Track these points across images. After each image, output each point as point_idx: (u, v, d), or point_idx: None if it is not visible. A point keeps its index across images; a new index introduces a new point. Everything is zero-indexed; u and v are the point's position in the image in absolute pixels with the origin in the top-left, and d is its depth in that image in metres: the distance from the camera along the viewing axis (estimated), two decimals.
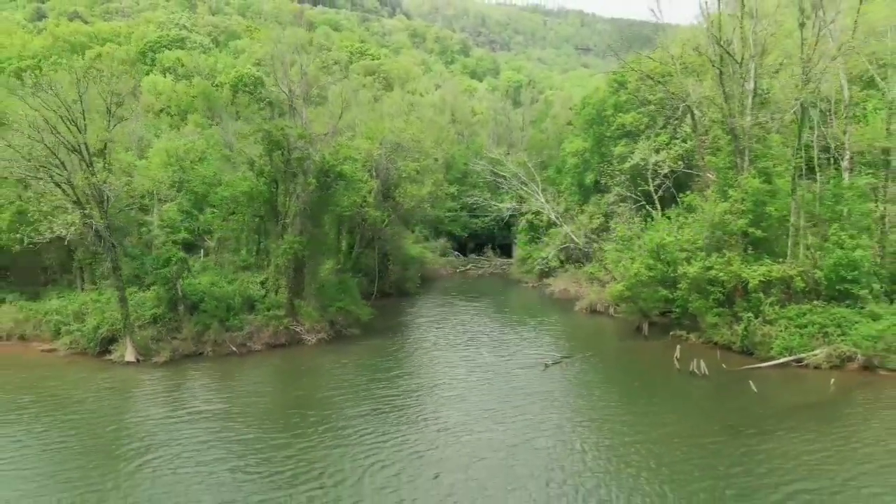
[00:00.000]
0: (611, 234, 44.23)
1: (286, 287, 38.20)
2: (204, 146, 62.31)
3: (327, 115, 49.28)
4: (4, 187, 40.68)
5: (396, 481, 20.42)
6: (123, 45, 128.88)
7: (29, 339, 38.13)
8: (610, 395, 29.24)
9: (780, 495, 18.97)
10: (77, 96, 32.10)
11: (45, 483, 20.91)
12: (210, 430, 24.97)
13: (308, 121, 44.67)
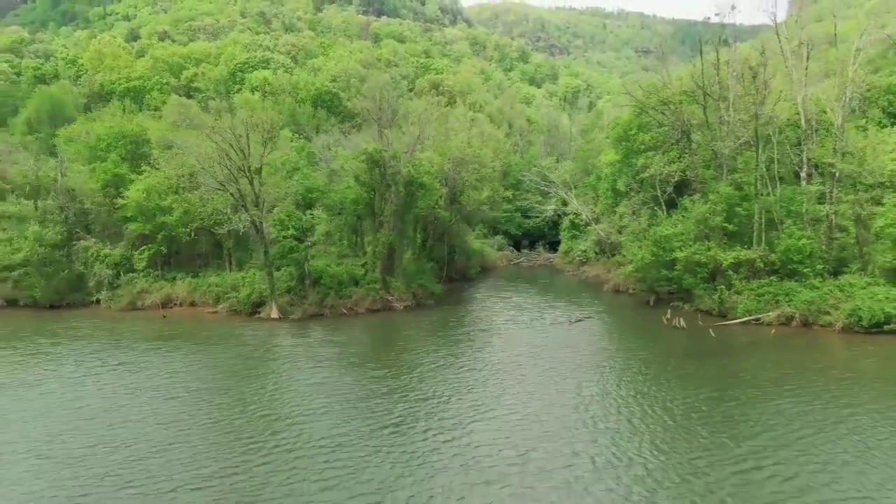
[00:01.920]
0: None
1: (381, 268, 53.36)
2: (296, 158, 78.51)
3: (405, 131, 64.33)
4: (174, 194, 57.35)
5: (467, 378, 34.87)
6: (216, 66, 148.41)
7: (197, 305, 54.58)
8: (611, 338, 43.00)
9: (705, 385, 32.37)
10: (244, 133, 47.97)
11: (242, 372, 36.45)
12: (329, 354, 40.13)
13: (391, 142, 59.69)
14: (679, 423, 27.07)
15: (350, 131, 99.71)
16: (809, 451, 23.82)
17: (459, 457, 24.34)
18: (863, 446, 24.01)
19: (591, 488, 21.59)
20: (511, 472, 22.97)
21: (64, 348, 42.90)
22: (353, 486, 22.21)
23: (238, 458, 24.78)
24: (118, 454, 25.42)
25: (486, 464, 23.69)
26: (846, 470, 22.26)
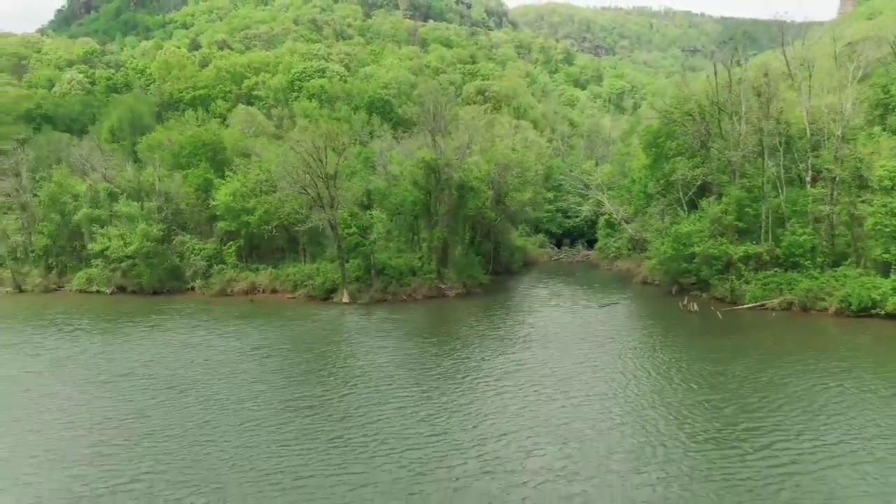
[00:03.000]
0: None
1: (435, 261, 62.59)
2: (354, 163, 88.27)
3: (455, 137, 73.23)
4: (255, 196, 67.57)
5: (504, 345, 43.75)
6: (274, 75, 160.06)
7: (278, 292, 64.70)
8: (632, 317, 51.32)
9: (709, 355, 40.54)
10: (322, 145, 57.76)
11: (322, 339, 46.03)
12: (391, 328, 49.44)
13: (442, 148, 68.71)
14: (682, 373, 35.52)
15: (403, 137, 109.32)
16: (801, 396, 31.95)
17: (492, 394, 33.34)
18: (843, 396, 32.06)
19: (604, 404, 30.31)
20: (534, 402, 31.84)
21: (174, 323, 53.38)
22: (412, 408, 31.45)
23: (323, 392, 34.36)
24: (249, 387, 35.33)
25: (511, 395, 32.62)
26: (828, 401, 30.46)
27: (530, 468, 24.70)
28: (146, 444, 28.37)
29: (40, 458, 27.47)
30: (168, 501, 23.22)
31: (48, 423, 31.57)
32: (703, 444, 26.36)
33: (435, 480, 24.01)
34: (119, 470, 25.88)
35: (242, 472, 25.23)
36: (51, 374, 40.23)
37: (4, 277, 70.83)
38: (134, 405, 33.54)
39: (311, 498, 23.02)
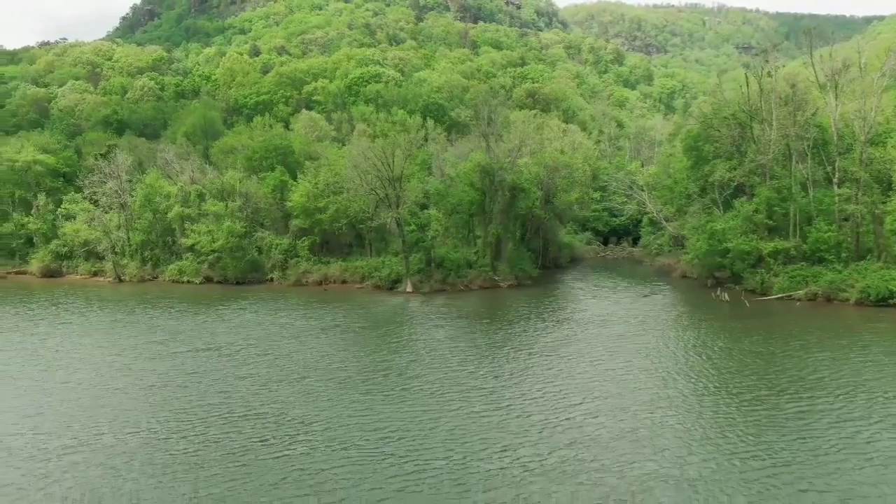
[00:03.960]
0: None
1: (490, 255, 69.96)
2: (411, 165, 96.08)
3: (506, 140, 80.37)
4: (325, 197, 75.98)
5: (552, 326, 50.87)
6: (332, 81, 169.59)
7: (347, 282, 73.01)
8: (668, 307, 57.75)
9: (733, 337, 46.91)
10: (391, 151, 65.69)
11: (388, 321, 53.89)
12: (449, 312, 56.98)
13: (495, 151, 75.84)
14: (708, 347, 42.20)
15: (456, 139, 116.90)
16: (824, 363, 38.42)
17: (539, 360, 40.61)
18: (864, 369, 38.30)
19: (646, 378, 37.30)
20: (572, 370, 39.02)
21: (260, 307, 62.12)
22: (469, 373, 38.99)
23: (394, 357, 42.20)
24: (333, 354, 43.49)
25: (558, 361, 39.84)
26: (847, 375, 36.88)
27: (588, 410, 31.99)
28: (269, 390, 36.65)
29: (224, 393, 36.03)
30: (293, 420, 31.27)
31: (194, 375, 40.30)
32: (720, 393, 33.20)
33: (486, 421, 31.50)
34: (255, 404, 34.15)
35: (340, 414, 33.19)
36: (173, 343, 49.19)
37: (107, 269, 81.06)
38: (247, 367, 41.99)
39: (397, 428, 30.70)
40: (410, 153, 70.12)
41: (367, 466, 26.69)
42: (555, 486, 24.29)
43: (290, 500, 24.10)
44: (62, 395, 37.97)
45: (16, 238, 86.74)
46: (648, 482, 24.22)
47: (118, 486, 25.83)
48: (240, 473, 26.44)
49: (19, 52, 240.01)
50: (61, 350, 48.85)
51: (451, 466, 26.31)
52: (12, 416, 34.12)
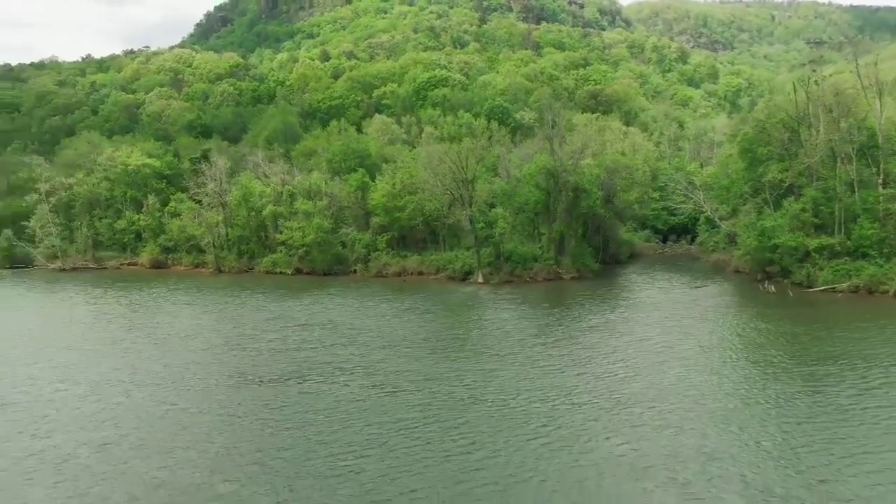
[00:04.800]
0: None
1: (553, 250, 77.47)
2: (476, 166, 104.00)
3: (569, 142, 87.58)
4: (405, 196, 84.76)
5: (610, 312, 58.20)
6: (400, 85, 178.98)
7: (423, 274, 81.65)
8: (718, 297, 64.27)
9: (766, 319, 53.36)
10: (465, 155, 73.88)
11: (462, 307, 62.16)
12: (515, 299, 64.79)
13: (558, 153, 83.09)
14: (745, 329, 49.02)
15: (520, 141, 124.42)
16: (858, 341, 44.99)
17: (596, 338, 48.17)
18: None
19: (701, 357, 44.54)
20: (619, 340, 46.43)
21: (346, 294, 71.34)
22: (532, 342, 46.85)
23: (468, 334, 50.39)
24: (416, 331, 52.12)
25: (616, 338, 47.31)
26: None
27: (645, 382, 39.63)
28: (370, 353, 45.49)
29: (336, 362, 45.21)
30: (394, 371, 39.88)
31: (304, 342, 49.59)
32: (763, 366, 40.28)
33: (553, 385, 39.40)
34: (361, 362, 42.99)
35: (433, 369, 41.65)
36: (279, 320, 58.88)
37: (208, 261, 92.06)
38: (345, 338, 50.96)
39: (476, 380, 38.90)
40: (481, 157, 78.21)
41: (465, 405, 35.15)
42: (615, 409, 32.16)
43: (403, 412, 32.75)
44: (211, 355, 47.88)
45: (128, 233, 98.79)
46: (686, 407, 31.83)
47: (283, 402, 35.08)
48: (361, 408, 35.32)
49: (107, 60, 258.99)
50: (193, 324, 59.16)
51: (523, 404, 34.47)
52: (187, 370, 44.07)
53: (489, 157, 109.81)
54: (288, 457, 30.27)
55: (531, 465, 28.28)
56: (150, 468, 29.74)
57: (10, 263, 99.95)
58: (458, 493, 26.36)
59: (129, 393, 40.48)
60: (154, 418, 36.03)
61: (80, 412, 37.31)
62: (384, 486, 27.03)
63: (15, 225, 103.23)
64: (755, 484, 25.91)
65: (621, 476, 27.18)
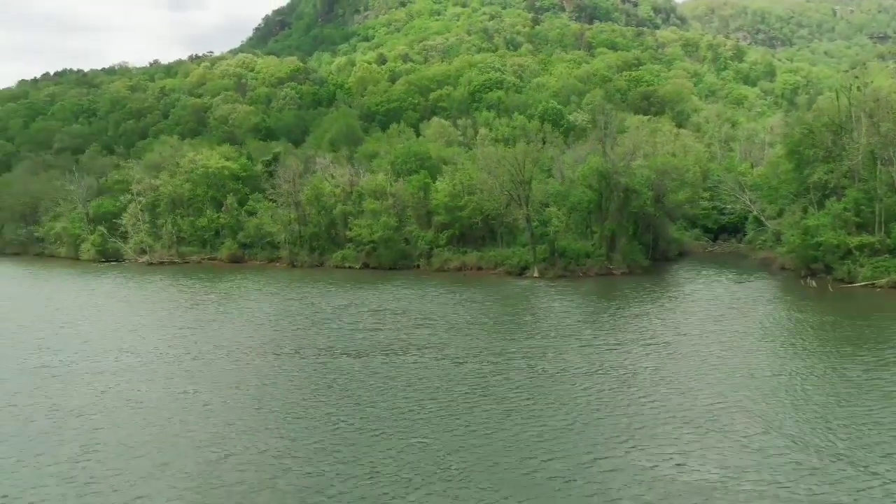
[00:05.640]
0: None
1: (605, 247, 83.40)
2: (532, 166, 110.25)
3: (620, 143, 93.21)
4: (465, 197, 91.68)
5: (659, 303, 64.11)
6: (455, 88, 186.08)
7: (482, 269, 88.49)
8: (759, 290, 69.55)
9: (801, 310, 58.58)
10: (522, 158, 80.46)
11: (519, 297, 68.83)
12: (567, 291, 71.09)
13: (610, 155, 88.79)
14: (778, 318, 54.54)
15: (573, 143, 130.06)
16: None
17: (636, 320, 54.27)
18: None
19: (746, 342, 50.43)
20: (660, 324, 52.45)
21: (411, 285, 78.67)
22: (581, 327, 53.24)
23: (527, 319, 57.06)
24: (478, 317, 59.06)
25: (647, 320, 53.37)
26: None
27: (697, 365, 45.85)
28: (438, 332, 52.67)
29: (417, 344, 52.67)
30: (464, 348, 46.92)
31: (379, 324, 57.19)
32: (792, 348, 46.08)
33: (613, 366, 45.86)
34: (432, 339, 50.19)
35: (493, 345, 48.58)
36: (353, 307, 66.75)
37: (282, 256, 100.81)
38: (415, 321, 58.26)
39: (537, 354, 45.61)
40: (537, 159, 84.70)
41: (524, 372, 42.05)
42: (656, 382, 38.64)
43: (470, 378, 39.86)
44: (300, 333, 55.87)
45: (208, 230, 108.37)
46: (728, 376, 38.14)
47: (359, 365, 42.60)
48: (435, 374, 42.51)
49: (174, 65, 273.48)
50: (277, 308, 67.45)
51: (570, 371, 41.16)
52: (282, 346, 52.11)
53: (544, 159, 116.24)
54: (388, 408, 37.64)
55: (577, 409, 35.02)
56: (282, 415, 37.47)
57: (104, 258, 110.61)
58: (528, 417, 33.22)
59: (238, 360, 48.64)
60: (269, 380, 44.02)
61: (212, 372, 45.55)
62: (460, 423, 34.15)
63: (106, 223, 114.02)
64: (775, 425, 32.17)
65: (670, 423, 33.92)
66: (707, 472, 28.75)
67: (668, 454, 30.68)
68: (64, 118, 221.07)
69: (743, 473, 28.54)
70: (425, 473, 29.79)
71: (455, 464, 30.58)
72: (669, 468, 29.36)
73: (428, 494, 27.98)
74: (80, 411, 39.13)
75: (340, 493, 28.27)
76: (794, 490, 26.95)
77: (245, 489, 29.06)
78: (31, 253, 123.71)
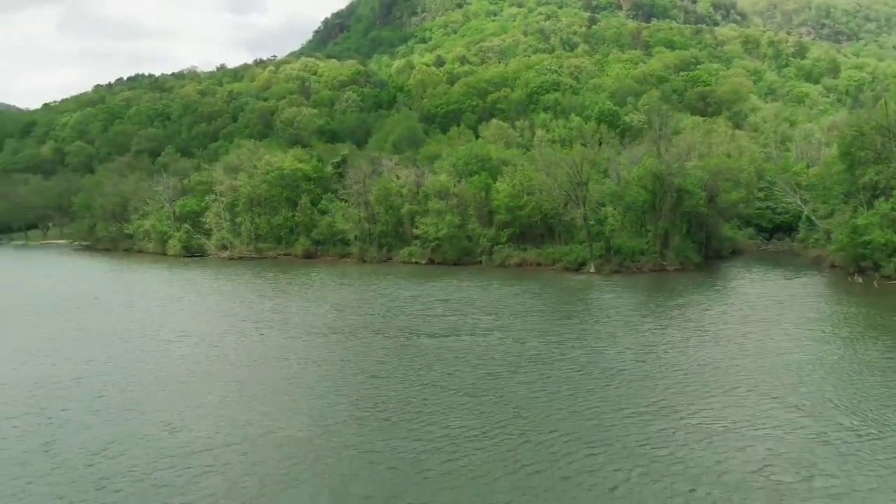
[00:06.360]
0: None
1: (658, 244, 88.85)
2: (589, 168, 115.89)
3: (675, 144, 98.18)
4: (524, 197, 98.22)
5: (707, 296, 69.62)
6: (512, 90, 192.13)
7: (541, 265, 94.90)
8: (805, 286, 74.20)
9: (840, 303, 63.35)
10: (580, 163, 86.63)
11: (575, 290, 75.12)
12: (618, 287, 76.96)
13: (665, 156, 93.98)
14: (817, 310, 59.72)
15: (629, 143, 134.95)
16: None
17: (684, 310, 60.06)
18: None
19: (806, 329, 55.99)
20: (708, 314, 58.15)
21: (475, 279, 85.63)
22: (632, 314, 59.32)
23: (584, 306, 63.37)
24: (537, 305, 65.65)
25: (717, 314, 59.11)
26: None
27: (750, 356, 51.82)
28: (504, 322, 59.58)
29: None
30: (529, 330, 53.72)
31: (448, 310, 64.45)
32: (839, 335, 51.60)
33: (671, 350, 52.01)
34: (496, 324, 57.14)
35: (545, 332, 55.22)
36: (423, 297, 74.06)
37: (353, 252, 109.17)
38: (481, 309, 65.26)
39: (594, 337, 52.06)
40: (594, 162, 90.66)
41: (577, 350, 48.70)
42: (719, 366, 44.88)
43: (531, 352, 46.66)
44: (378, 318, 63.61)
45: (283, 228, 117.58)
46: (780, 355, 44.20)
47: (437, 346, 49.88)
48: (500, 350, 49.50)
49: (240, 70, 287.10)
50: (354, 297, 75.47)
51: (617, 349, 47.60)
52: (366, 327, 59.93)
53: (600, 160, 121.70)
54: (459, 376, 44.78)
55: (619, 376, 41.48)
56: (364, 380, 45.04)
57: (188, 253, 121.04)
58: (580, 386, 39.89)
59: (328, 338, 56.53)
60: (353, 356, 51.68)
61: (309, 347, 53.60)
62: (527, 386, 41.04)
63: (189, 220, 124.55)
64: (814, 394, 38.17)
65: (722, 390, 40.33)
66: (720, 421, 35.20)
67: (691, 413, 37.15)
68: (140, 122, 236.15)
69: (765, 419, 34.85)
70: (501, 416, 36.89)
71: (527, 413, 37.62)
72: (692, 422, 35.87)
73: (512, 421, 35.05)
74: (211, 370, 47.83)
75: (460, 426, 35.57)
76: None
77: (352, 415, 36.60)
78: (121, 249, 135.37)
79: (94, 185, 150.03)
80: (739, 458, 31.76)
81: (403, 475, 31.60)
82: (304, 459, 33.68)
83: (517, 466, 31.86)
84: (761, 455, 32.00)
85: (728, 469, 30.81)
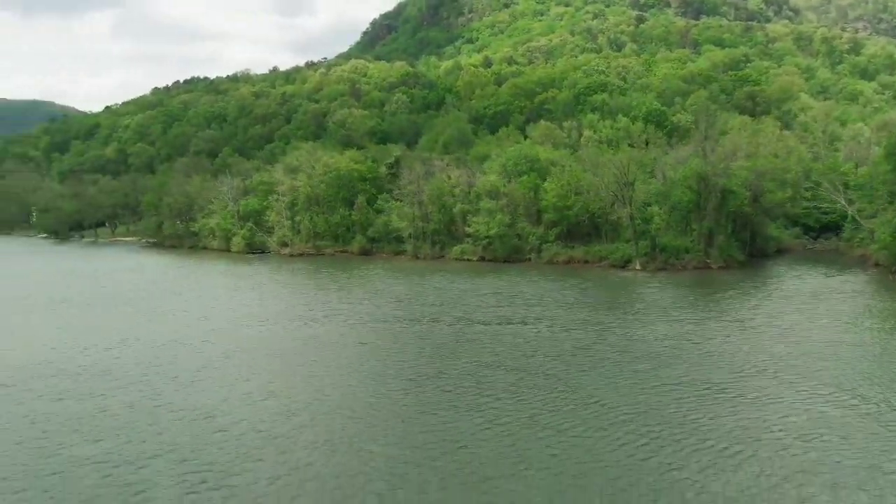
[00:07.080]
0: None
1: (703, 243, 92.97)
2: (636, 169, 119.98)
3: (722, 144, 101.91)
4: (572, 197, 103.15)
5: (746, 293, 73.84)
6: (560, 91, 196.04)
7: (588, 262, 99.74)
8: (845, 283, 77.71)
9: (875, 298, 67.04)
10: (626, 164, 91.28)
11: (620, 286, 79.90)
12: (666, 281, 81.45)
13: (710, 156, 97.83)
14: (849, 303, 63.69)
15: (676, 144, 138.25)
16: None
17: (722, 304, 64.55)
18: None
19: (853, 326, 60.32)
20: (742, 306, 62.57)
21: (525, 275, 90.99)
22: (673, 308, 64.04)
23: (629, 301, 68.31)
24: (584, 299, 70.85)
25: (757, 307, 63.57)
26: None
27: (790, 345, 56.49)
28: (551, 313, 64.97)
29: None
30: (565, 323, 59.07)
31: (500, 302, 70.16)
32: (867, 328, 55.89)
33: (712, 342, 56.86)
34: (545, 315, 62.58)
35: (589, 322, 60.47)
36: (475, 291, 79.76)
37: (407, 249, 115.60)
38: (530, 303, 70.71)
39: (641, 326, 57.15)
40: (641, 163, 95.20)
41: (618, 338, 53.96)
42: (730, 351, 49.80)
43: (574, 341, 52.13)
44: (435, 308, 69.64)
45: (340, 226, 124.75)
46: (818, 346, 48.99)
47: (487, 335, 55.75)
48: (547, 337, 55.06)
49: (292, 72, 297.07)
50: (416, 290, 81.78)
51: (658, 338, 52.66)
52: (423, 316, 66.07)
53: (646, 160, 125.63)
54: (514, 358, 50.46)
55: (658, 359, 46.56)
56: (431, 365, 51.02)
57: (251, 250, 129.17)
58: (625, 362, 45.18)
59: (390, 324, 62.76)
60: (417, 344, 57.80)
61: (376, 333, 59.95)
62: (577, 369, 46.46)
63: (252, 219, 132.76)
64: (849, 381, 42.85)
65: (769, 376, 45.24)
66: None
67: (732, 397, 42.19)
68: (197, 123, 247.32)
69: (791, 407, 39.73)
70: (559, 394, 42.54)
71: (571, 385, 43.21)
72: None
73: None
74: (281, 350, 54.62)
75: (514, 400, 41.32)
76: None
77: (411, 393, 42.62)
78: (186, 246, 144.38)
79: (160, 185, 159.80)
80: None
81: (509, 426, 37.60)
82: (389, 416, 40.55)
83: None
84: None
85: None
